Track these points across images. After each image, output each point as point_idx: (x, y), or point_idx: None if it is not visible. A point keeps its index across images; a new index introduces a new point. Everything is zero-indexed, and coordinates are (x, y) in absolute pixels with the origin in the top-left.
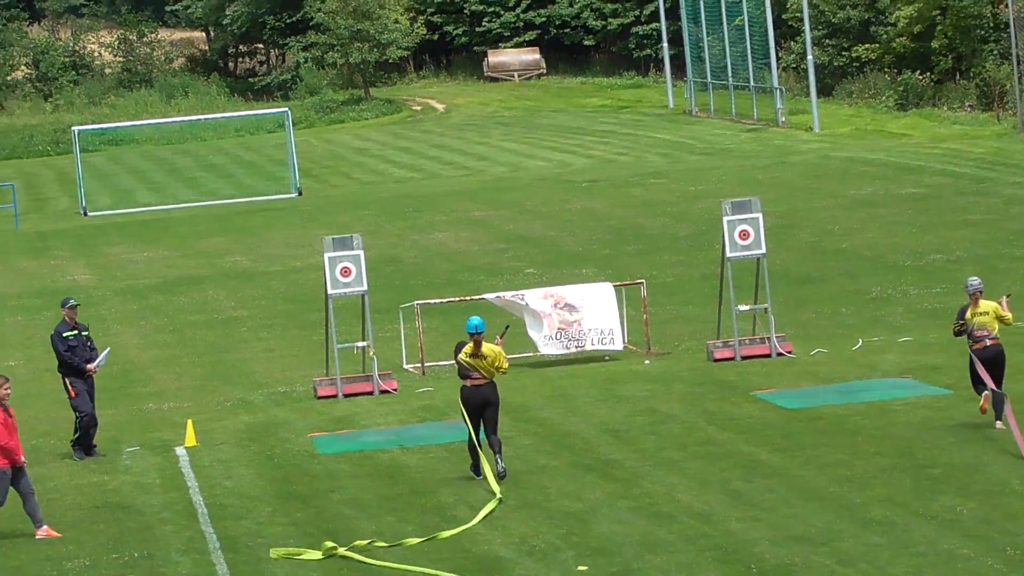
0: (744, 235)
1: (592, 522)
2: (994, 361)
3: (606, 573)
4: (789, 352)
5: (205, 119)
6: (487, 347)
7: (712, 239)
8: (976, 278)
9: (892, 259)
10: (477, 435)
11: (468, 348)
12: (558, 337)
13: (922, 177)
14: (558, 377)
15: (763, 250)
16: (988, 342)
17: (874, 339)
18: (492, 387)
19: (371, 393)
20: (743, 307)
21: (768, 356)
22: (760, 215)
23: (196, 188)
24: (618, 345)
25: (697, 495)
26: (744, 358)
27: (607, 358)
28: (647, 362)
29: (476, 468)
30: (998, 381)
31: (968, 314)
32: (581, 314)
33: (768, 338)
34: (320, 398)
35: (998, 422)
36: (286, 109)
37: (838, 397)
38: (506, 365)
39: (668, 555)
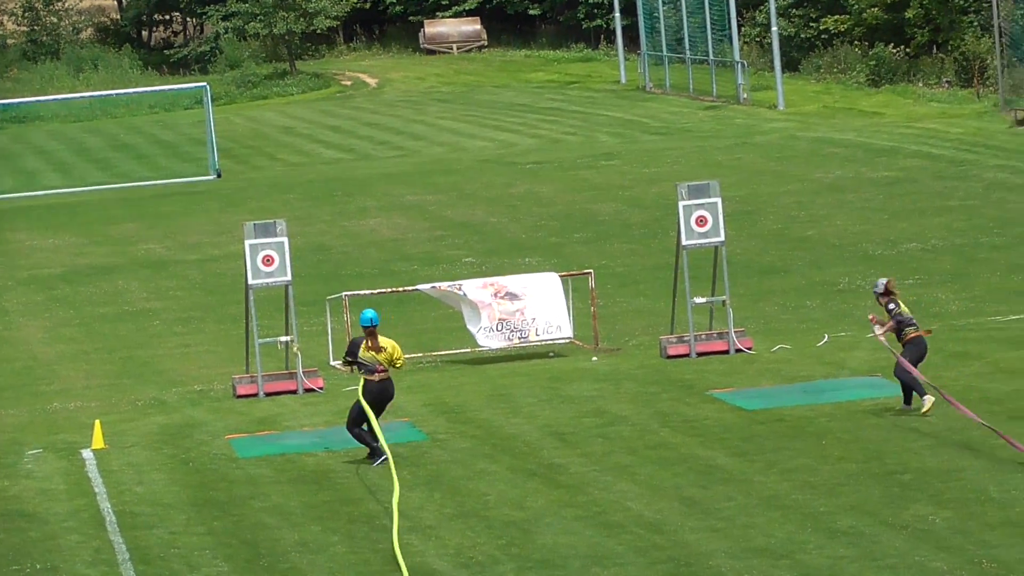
0: (701, 221)
1: (535, 532)
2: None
3: None
4: (749, 348)
5: (117, 94)
6: (383, 340)
7: (667, 226)
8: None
9: (862, 248)
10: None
11: (367, 343)
12: (499, 328)
13: (896, 159)
14: (499, 375)
15: (722, 238)
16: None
17: (841, 334)
18: (391, 382)
19: (295, 392)
20: (699, 299)
21: (726, 352)
22: (719, 200)
23: (107, 170)
24: (566, 333)
25: (649, 503)
26: (700, 355)
27: (551, 354)
28: (595, 359)
29: (375, 452)
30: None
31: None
32: (524, 303)
33: (726, 333)
34: (239, 397)
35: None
36: (204, 84)
37: (802, 397)
38: (403, 358)
39: (617, 568)
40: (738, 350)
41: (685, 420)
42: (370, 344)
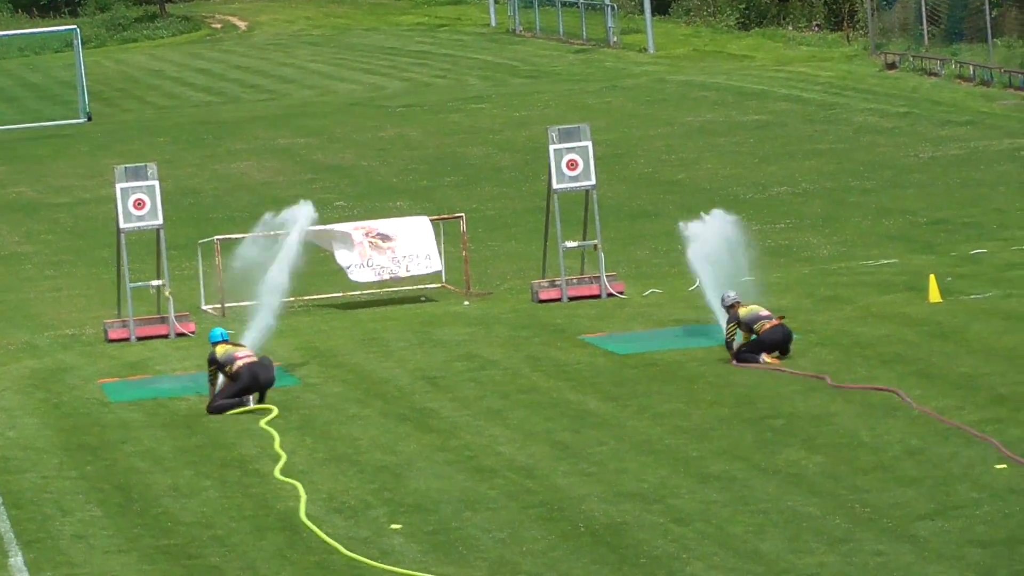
0: (572, 165)
1: (407, 477)
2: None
3: (422, 532)
4: (620, 292)
5: None
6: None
7: (538, 170)
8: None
9: (732, 191)
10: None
11: (222, 347)
12: (370, 264)
13: (765, 103)
14: (370, 319)
15: (593, 181)
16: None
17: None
18: (263, 365)
19: (167, 336)
20: (571, 243)
21: (598, 297)
22: (590, 143)
23: None
24: (436, 267)
25: (520, 447)
26: (572, 299)
27: (423, 299)
28: (466, 303)
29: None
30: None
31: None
32: (395, 241)
33: (598, 277)
34: (111, 341)
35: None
36: (74, 27)
37: (673, 341)
38: None
39: (489, 512)
40: (610, 294)
41: (557, 365)
42: (227, 345)
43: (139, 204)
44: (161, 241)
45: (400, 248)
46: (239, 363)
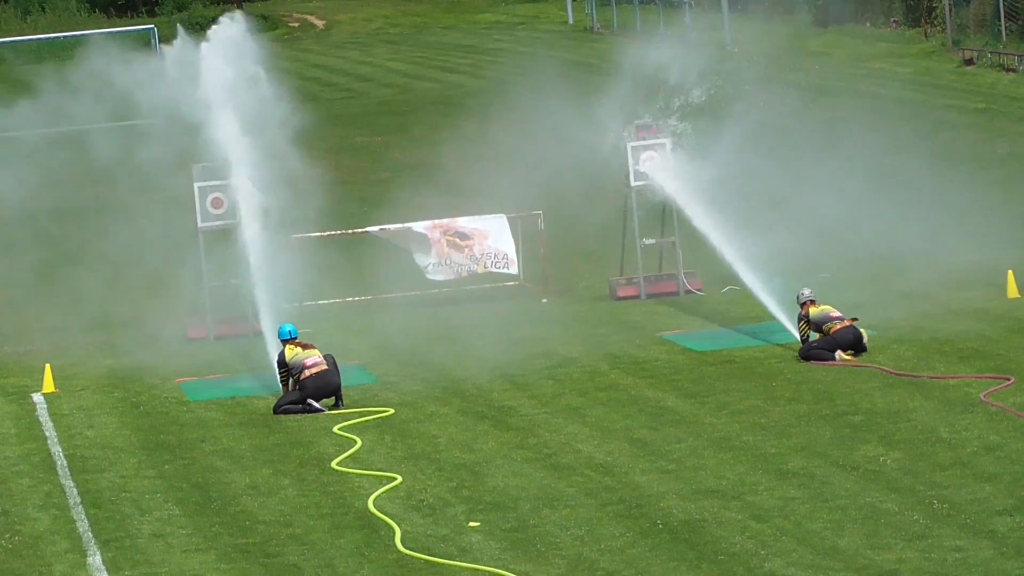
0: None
1: (485, 474)
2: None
3: (500, 530)
4: (699, 290)
5: (64, 37)
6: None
7: (617, 166)
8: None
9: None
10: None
11: (291, 349)
12: (447, 263)
13: (842, 99)
14: (448, 317)
15: None
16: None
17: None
18: (332, 371)
19: (245, 335)
20: (649, 241)
21: (676, 294)
22: (667, 140)
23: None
24: (513, 270)
25: (599, 445)
26: (650, 296)
27: (501, 297)
28: (544, 301)
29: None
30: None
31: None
32: (473, 240)
33: (676, 275)
34: (190, 340)
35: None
36: (152, 26)
37: (752, 338)
38: None
39: (567, 510)
40: (688, 291)
41: (635, 362)
42: (295, 346)
43: (217, 203)
44: (243, 239)
45: (478, 247)
46: (307, 372)
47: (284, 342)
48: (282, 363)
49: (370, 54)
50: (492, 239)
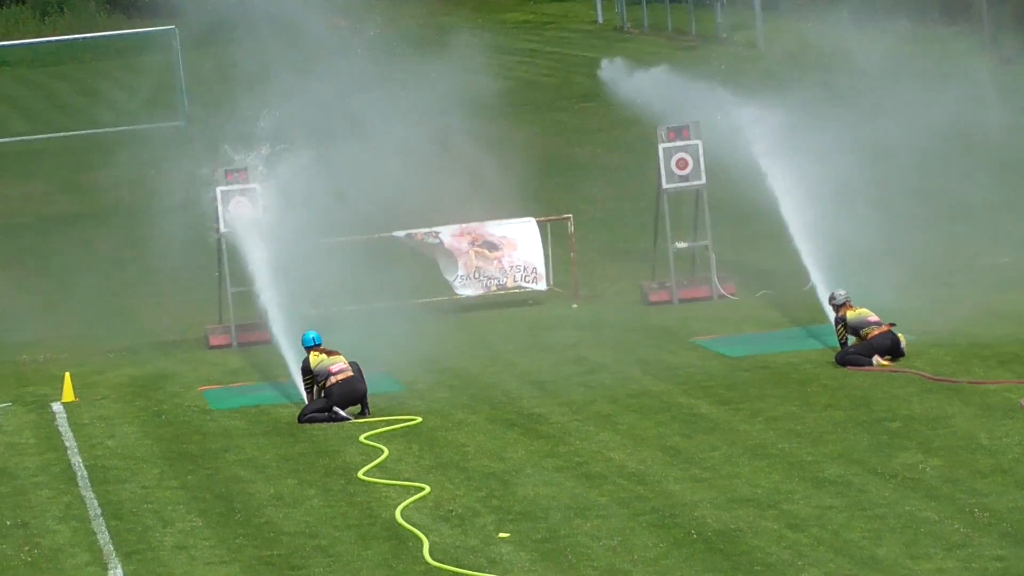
0: (682, 164)
1: (515, 484)
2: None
3: (530, 540)
4: (732, 294)
5: (83, 38)
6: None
7: (647, 169)
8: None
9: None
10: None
11: (315, 356)
12: (476, 276)
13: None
14: (476, 323)
15: (703, 180)
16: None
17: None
18: (358, 378)
19: (269, 342)
20: (681, 244)
21: (709, 299)
22: (700, 142)
23: (74, 116)
24: (541, 286)
25: (631, 453)
26: (682, 301)
27: (530, 302)
28: (575, 306)
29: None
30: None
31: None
32: (502, 251)
33: (709, 279)
34: (212, 347)
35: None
36: (173, 27)
37: (786, 344)
38: None
39: (599, 520)
40: (721, 296)
41: (667, 368)
42: (319, 352)
43: (239, 207)
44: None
45: (507, 259)
46: (332, 379)
47: (308, 349)
48: (307, 370)
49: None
50: (521, 249)
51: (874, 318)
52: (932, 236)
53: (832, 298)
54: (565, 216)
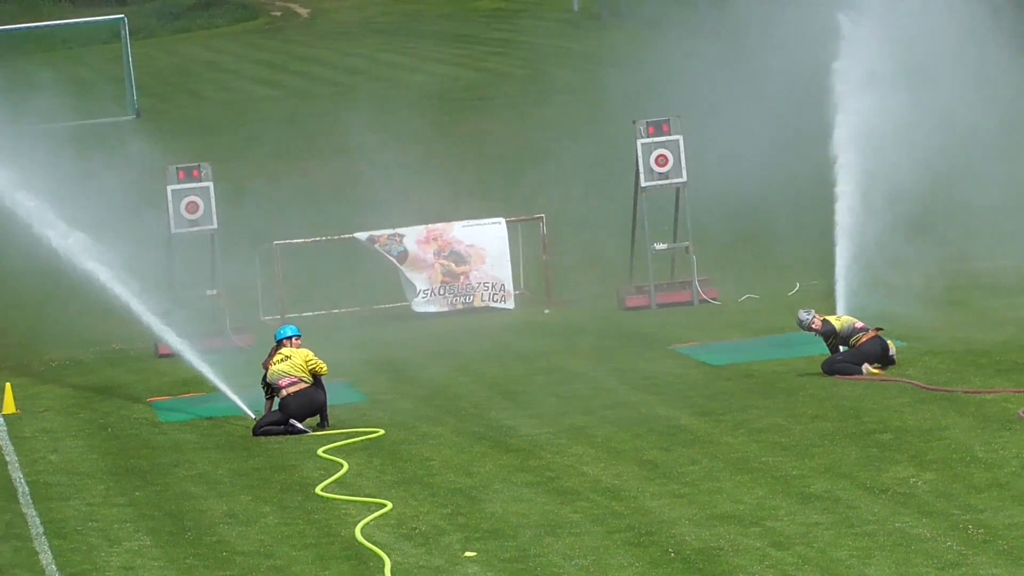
0: (662, 160)
1: (483, 500)
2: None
3: (499, 560)
4: (714, 299)
5: (26, 28)
6: (290, 349)
7: (625, 166)
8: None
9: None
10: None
11: (276, 360)
12: (441, 292)
13: None
14: (444, 330)
15: (684, 178)
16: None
17: (814, 283)
18: (314, 391)
19: (222, 350)
20: (660, 245)
21: (689, 303)
22: (681, 137)
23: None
24: (509, 305)
25: (606, 467)
26: (661, 306)
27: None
28: (547, 311)
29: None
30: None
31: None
32: (469, 265)
33: (689, 282)
34: (162, 356)
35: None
36: (122, 16)
37: (772, 351)
38: (323, 364)
39: (572, 537)
40: (702, 301)
41: (645, 377)
42: (284, 353)
43: (192, 207)
44: (215, 246)
45: (475, 273)
46: (283, 392)
47: (277, 343)
48: (264, 378)
49: (359, 45)
50: (490, 261)
51: (860, 324)
52: (928, 239)
53: (801, 325)
54: (537, 216)
